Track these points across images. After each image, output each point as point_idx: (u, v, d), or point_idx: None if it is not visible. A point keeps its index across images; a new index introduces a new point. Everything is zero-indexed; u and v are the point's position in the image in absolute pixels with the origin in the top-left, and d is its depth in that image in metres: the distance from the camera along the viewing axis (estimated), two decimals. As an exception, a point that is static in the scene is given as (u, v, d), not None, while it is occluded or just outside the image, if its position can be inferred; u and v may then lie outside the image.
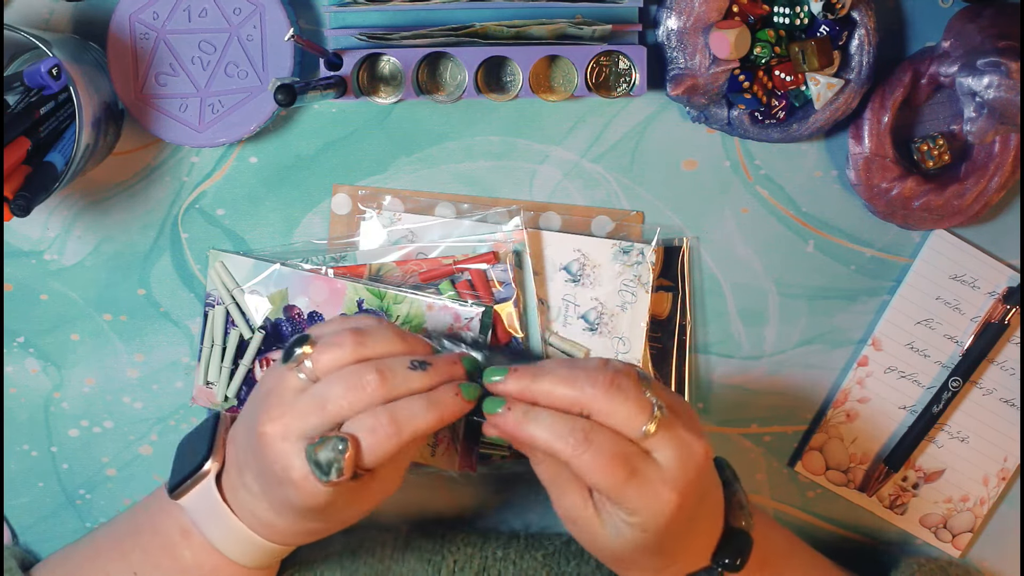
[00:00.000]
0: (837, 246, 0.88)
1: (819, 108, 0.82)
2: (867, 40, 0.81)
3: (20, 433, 0.90)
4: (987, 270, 0.87)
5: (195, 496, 0.73)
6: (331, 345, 0.68)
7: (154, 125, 0.83)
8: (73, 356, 0.89)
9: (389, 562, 0.83)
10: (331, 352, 0.67)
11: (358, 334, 0.68)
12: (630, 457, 0.65)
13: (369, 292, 0.85)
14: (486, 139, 0.86)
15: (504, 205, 0.86)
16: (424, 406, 0.67)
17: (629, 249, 0.86)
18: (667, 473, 0.66)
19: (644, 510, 0.66)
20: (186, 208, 0.87)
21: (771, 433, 0.90)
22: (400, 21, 0.81)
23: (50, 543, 0.91)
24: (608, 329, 0.86)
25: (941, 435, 0.89)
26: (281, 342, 0.86)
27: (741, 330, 0.88)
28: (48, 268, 0.87)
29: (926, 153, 0.84)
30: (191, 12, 0.81)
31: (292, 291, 0.86)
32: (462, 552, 0.83)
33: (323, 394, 0.67)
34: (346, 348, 0.67)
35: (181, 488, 0.74)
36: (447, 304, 0.84)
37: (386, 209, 0.86)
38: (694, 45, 0.81)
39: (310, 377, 0.68)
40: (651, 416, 0.65)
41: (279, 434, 0.67)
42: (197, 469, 0.73)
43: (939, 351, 0.88)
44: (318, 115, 0.86)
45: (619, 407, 0.65)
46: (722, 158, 0.86)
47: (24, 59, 0.84)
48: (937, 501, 0.90)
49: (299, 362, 0.68)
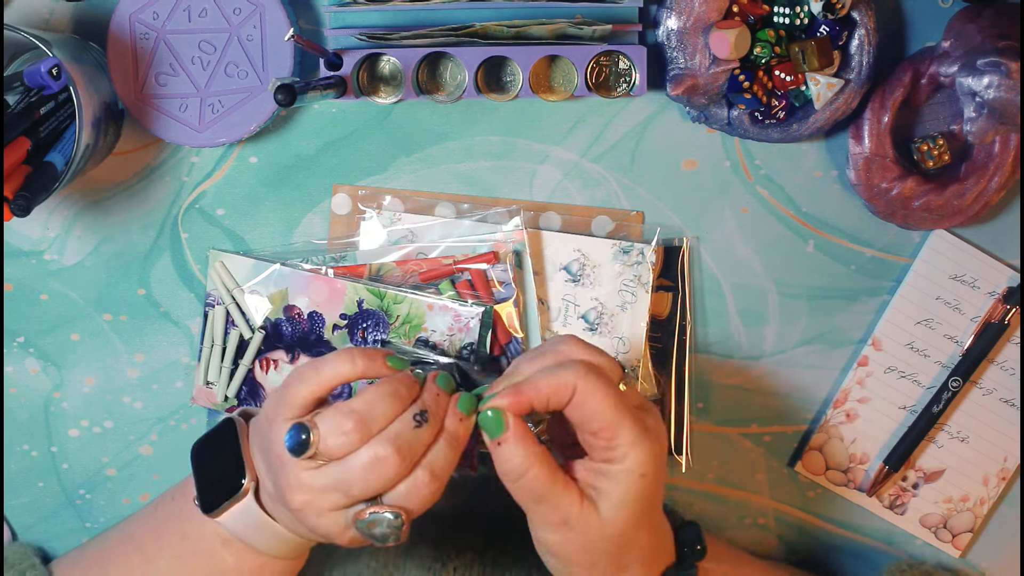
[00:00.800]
0: (837, 246, 0.88)
1: (819, 108, 0.82)
2: (867, 40, 0.81)
3: (20, 433, 0.90)
4: (987, 270, 0.87)
5: (234, 513, 0.73)
6: (336, 434, 0.67)
7: (154, 125, 0.83)
8: (73, 356, 0.89)
9: (391, 568, 0.83)
10: (337, 440, 0.67)
11: (360, 419, 0.67)
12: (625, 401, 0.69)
13: (369, 292, 0.85)
14: (486, 139, 0.86)
15: (504, 205, 0.86)
16: (446, 448, 0.69)
17: (629, 249, 0.86)
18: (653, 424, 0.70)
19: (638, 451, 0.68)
20: (186, 208, 0.87)
21: (771, 433, 0.90)
22: (400, 21, 0.81)
23: (50, 543, 0.91)
24: (608, 329, 0.86)
25: (941, 435, 0.89)
26: (281, 342, 0.86)
27: (741, 330, 0.88)
28: (48, 268, 0.87)
29: (926, 153, 0.84)
30: (191, 12, 0.81)
31: (292, 291, 0.86)
32: (462, 558, 0.83)
33: (343, 479, 0.67)
34: (350, 436, 0.67)
35: (219, 508, 0.73)
36: (447, 304, 0.84)
37: (386, 209, 0.86)
38: (694, 45, 0.81)
39: (320, 459, 0.68)
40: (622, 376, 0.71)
41: (312, 512, 0.68)
42: (234, 490, 0.73)
43: (939, 351, 0.88)
44: (318, 115, 0.86)
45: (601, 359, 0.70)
46: (722, 158, 0.86)
47: (24, 59, 0.84)
48: (937, 501, 0.90)
49: (309, 455, 0.68)
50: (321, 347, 0.86)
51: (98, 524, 0.91)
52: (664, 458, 0.71)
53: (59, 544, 0.91)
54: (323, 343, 0.86)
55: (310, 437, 0.67)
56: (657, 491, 0.71)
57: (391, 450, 0.67)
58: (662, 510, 0.74)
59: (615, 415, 0.67)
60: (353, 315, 0.85)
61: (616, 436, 0.68)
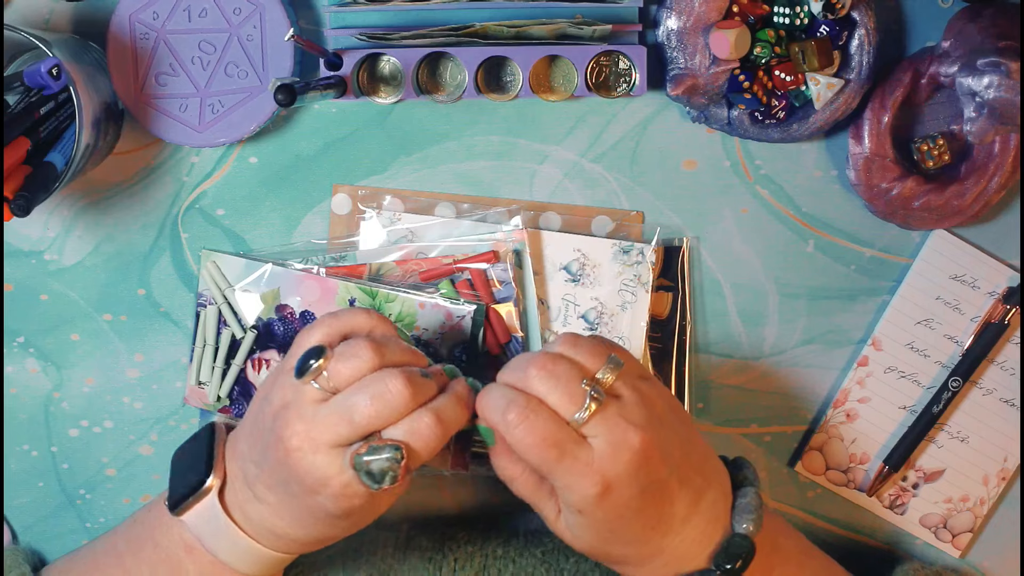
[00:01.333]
0: (837, 246, 0.88)
1: (819, 108, 0.82)
2: (867, 40, 0.81)
3: (20, 433, 0.90)
4: (987, 270, 0.87)
5: (198, 512, 0.73)
6: (349, 356, 0.68)
7: (154, 125, 0.83)
8: (73, 356, 0.89)
9: (391, 561, 0.83)
10: (349, 363, 0.68)
11: (375, 345, 0.68)
12: (562, 439, 0.67)
13: (361, 291, 0.84)
14: (486, 139, 0.86)
15: (504, 205, 0.86)
16: (455, 403, 0.69)
17: (629, 249, 0.86)
18: (597, 458, 0.68)
19: (573, 491, 0.68)
20: (186, 208, 0.87)
21: (771, 433, 0.90)
22: (400, 21, 0.81)
23: (50, 543, 0.91)
24: (608, 329, 0.86)
25: (941, 435, 0.89)
26: (273, 341, 0.86)
27: (741, 330, 0.88)
28: (48, 268, 0.87)
29: (926, 153, 0.84)
30: (191, 12, 0.81)
31: (284, 290, 0.86)
32: (462, 550, 0.83)
33: (349, 405, 0.67)
34: (364, 359, 0.68)
35: (183, 506, 0.73)
36: (439, 302, 0.84)
37: (386, 209, 0.86)
38: (694, 45, 0.81)
39: (327, 388, 0.68)
40: (582, 405, 0.67)
41: (308, 448, 0.68)
42: (199, 486, 0.73)
43: (939, 351, 0.88)
44: (318, 115, 0.86)
45: (551, 392, 0.68)
46: (722, 158, 0.86)
47: (24, 59, 0.84)
48: (937, 501, 0.90)
49: (315, 375, 0.68)
50: (315, 347, 0.86)
51: (98, 524, 0.91)
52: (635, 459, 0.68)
53: (59, 544, 0.91)
54: (321, 343, 0.86)
55: (321, 357, 0.68)
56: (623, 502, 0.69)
57: (402, 379, 0.67)
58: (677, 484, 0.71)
59: (540, 461, 0.68)
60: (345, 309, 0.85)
61: (553, 481, 0.69)
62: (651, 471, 0.68)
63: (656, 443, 0.68)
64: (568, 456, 0.67)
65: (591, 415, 0.67)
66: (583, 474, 0.67)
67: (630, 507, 0.69)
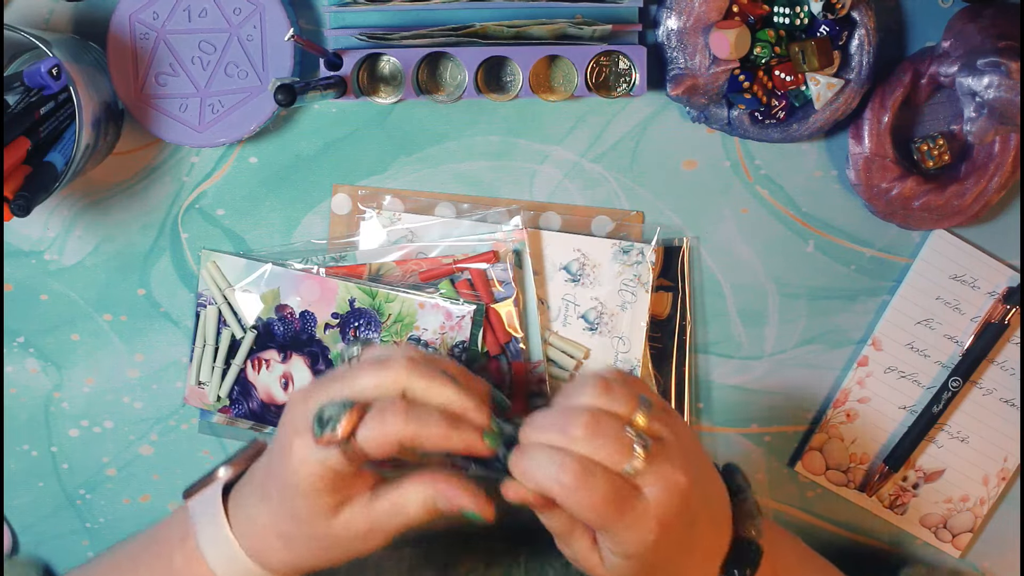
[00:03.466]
0: (837, 246, 0.88)
1: (819, 108, 0.82)
2: (867, 40, 0.81)
3: (20, 433, 0.90)
4: (987, 270, 0.87)
5: (201, 498, 0.74)
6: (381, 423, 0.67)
7: (154, 125, 0.83)
8: (73, 356, 0.89)
9: None
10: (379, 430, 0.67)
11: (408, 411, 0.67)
12: (620, 493, 0.66)
13: (361, 291, 0.85)
14: (486, 139, 0.86)
15: (504, 205, 0.86)
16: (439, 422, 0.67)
17: (629, 249, 0.86)
18: (653, 506, 0.67)
19: (629, 542, 0.67)
20: (186, 208, 0.87)
21: (771, 433, 0.90)
22: (400, 21, 0.81)
23: (50, 543, 0.91)
24: (608, 329, 0.86)
25: (941, 435, 0.89)
26: (273, 341, 0.86)
27: (741, 330, 0.88)
28: (48, 268, 0.88)
29: (926, 153, 0.84)
30: (191, 12, 0.81)
31: (284, 290, 0.86)
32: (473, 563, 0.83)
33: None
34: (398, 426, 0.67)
35: (192, 488, 0.74)
36: (438, 302, 0.84)
37: (386, 209, 0.86)
38: (694, 45, 0.81)
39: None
40: (631, 454, 0.66)
41: (300, 397, 0.69)
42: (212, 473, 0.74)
43: (939, 351, 0.88)
44: (318, 115, 0.86)
45: (599, 449, 0.66)
46: (722, 158, 0.86)
47: (24, 59, 0.84)
48: (937, 501, 0.90)
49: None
50: (313, 346, 0.86)
51: (98, 524, 0.91)
52: (684, 499, 0.67)
53: (59, 543, 0.91)
54: (315, 342, 0.86)
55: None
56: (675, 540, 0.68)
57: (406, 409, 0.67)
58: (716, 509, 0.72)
59: (599, 519, 0.66)
60: (345, 314, 0.85)
61: (612, 536, 0.67)
62: (693, 505, 0.68)
63: (696, 478, 0.68)
64: (628, 510, 0.66)
65: (644, 464, 0.66)
66: (640, 524, 0.66)
67: (681, 544, 0.69)
